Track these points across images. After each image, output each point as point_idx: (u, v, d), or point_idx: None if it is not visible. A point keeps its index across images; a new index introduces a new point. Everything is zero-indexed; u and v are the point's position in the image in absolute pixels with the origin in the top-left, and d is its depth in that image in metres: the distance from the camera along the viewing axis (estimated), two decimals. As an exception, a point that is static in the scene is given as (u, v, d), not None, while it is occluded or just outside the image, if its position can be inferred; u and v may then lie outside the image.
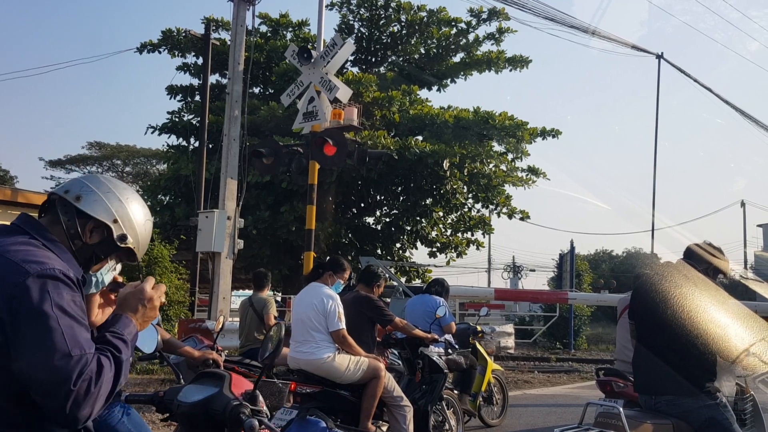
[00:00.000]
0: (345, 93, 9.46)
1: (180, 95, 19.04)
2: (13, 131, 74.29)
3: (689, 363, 3.30)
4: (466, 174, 16.76)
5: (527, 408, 8.82)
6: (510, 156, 17.89)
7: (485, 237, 22.10)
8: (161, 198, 18.03)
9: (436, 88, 19.92)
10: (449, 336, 6.41)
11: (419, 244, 18.48)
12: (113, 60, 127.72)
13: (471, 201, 18.25)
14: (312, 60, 9.44)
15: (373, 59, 19.32)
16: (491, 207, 18.16)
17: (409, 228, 17.94)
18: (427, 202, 17.35)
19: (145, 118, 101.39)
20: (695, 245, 3.62)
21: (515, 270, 42.93)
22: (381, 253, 17.93)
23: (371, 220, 18.81)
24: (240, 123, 10.69)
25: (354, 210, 18.54)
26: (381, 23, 18.47)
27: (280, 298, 16.41)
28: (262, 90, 18.95)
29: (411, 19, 18.30)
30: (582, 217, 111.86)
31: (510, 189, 18.05)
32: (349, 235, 17.50)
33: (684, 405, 3.28)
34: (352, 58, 18.23)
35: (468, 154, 16.23)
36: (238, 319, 7.85)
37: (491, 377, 7.15)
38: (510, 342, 15.69)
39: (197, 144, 15.86)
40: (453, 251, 18.53)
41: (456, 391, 6.39)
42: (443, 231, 18.77)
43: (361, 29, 18.85)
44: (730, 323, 3.28)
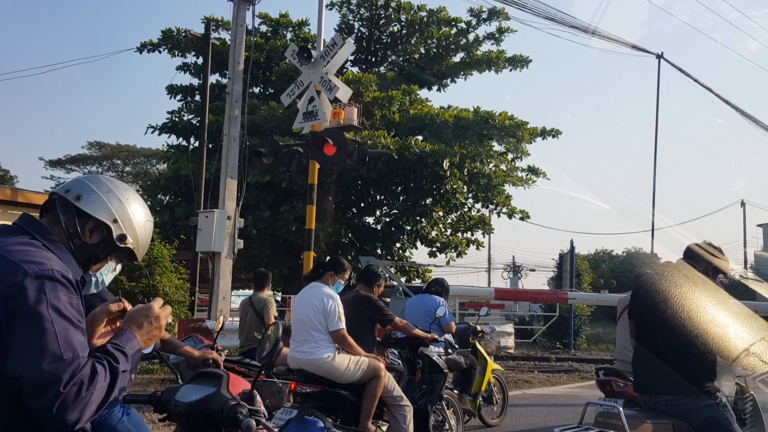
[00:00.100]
0: (345, 93, 9.46)
1: (180, 95, 19.05)
2: (13, 131, 74.38)
3: (689, 363, 3.30)
4: (466, 174, 16.77)
5: (527, 408, 8.82)
6: (510, 156, 17.90)
7: (485, 237, 22.13)
8: (161, 198, 18.03)
9: (436, 88, 19.92)
10: (449, 336, 6.41)
11: (419, 243, 18.50)
12: (113, 60, 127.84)
13: (471, 201, 18.27)
14: (312, 60, 9.44)
15: (373, 59, 19.32)
16: (491, 207, 18.17)
17: (409, 228, 17.94)
18: (427, 202, 17.36)
19: (145, 118, 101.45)
20: (695, 245, 3.62)
21: (515, 270, 42.93)
22: (381, 253, 17.93)
23: (371, 219, 18.83)
24: (240, 123, 10.68)
25: (354, 210, 18.54)
26: (381, 23, 18.46)
27: (280, 297, 16.41)
28: (262, 90, 18.95)
29: (411, 19, 18.30)
30: (582, 217, 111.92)
31: (510, 189, 18.11)
32: (349, 235, 17.51)
33: (684, 405, 3.28)
34: (352, 57, 18.23)
35: (468, 154, 16.23)
36: (238, 319, 7.84)
37: (491, 377, 7.15)
38: (510, 342, 15.69)
39: (197, 144, 15.86)
40: (453, 251, 18.54)
41: (456, 391, 6.39)
42: (443, 231, 18.78)
43: (361, 29, 18.85)
44: (730, 323, 3.28)
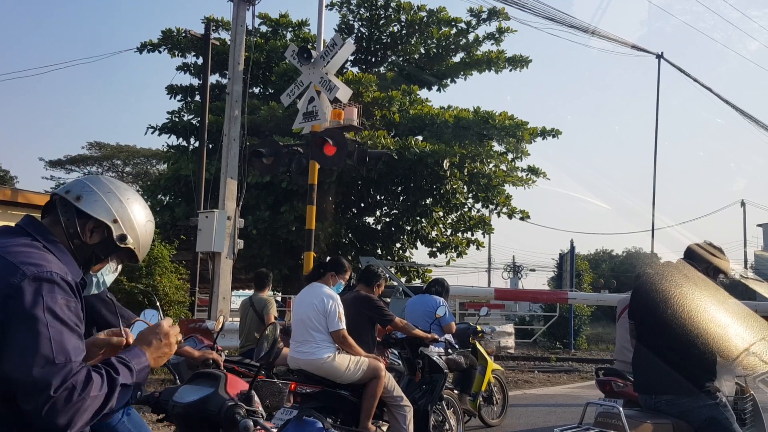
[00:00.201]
0: (345, 93, 9.46)
1: (180, 95, 19.04)
2: (13, 131, 74.34)
3: (689, 363, 3.30)
4: (466, 174, 16.76)
5: (527, 408, 8.81)
6: (510, 156, 17.89)
7: (485, 237, 22.11)
8: (161, 198, 18.02)
9: (436, 88, 19.92)
10: (449, 336, 6.41)
11: (419, 244, 18.49)
12: (113, 60, 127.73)
13: (471, 201, 18.27)
14: (312, 60, 9.44)
15: (373, 59, 19.31)
16: (491, 207, 18.17)
17: (409, 228, 17.94)
18: (427, 202, 17.36)
19: (145, 118, 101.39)
20: (695, 245, 3.61)
21: (515, 270, 42.90)
22: (381, 253, 17.92)
23: (371, 220, 18.82)
24: (240, 123, 10.68)
25: (354, 210, 18.54)
26: (381, 23, 18.46)
27: (280, 298, 16.40)
28: (262, 90, 18.95)
29: (411, 19, 18.30)
30: (582, 217, 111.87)
31: (510, 189, 18.10)
32: (349, 235, 17.50)
33: (684, 405, 3.28)
34: (352, 58, 18.23)
35: (468, 154, 16.22)
36: (238, 319, 7.84)
37: (491, 377, 7.15)
38: (510, 342, 15.68)
39: (197, 144, 15.84)
40: (453, 251, 18.53)
41: (456, 391, 6.39)
42: (443, 231, 18.77)
43: (361, 29, 18.84)
44: (730, 323, 3.28)
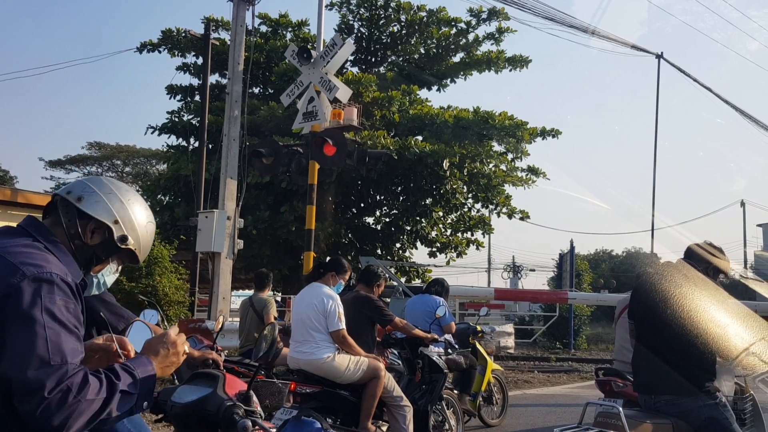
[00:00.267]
0: (345, 93, 9.46)
1: (180, 95, 19.05)
2: (13, 131, 74.37)
3: (689, 363, 3.30)
4: (466, 174, 16.77)
5: (527, 408, 8.81)
6: (510, 156, 17.90)
7: (485, 237, 22.13)
8: (161, 198, 18.03)
9: (436, 88, 19.92)
10: (449, 336, 6.41)
11: (419, 244, 18.50)
12: (113, 60, 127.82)
13: (471, 201, 18.28)
14: (312, 60, 9.43)
15: (373, 59, 19.31)
16: (491, 207, 18.17)
17: (409, 228, 17.94)
18: (427, 202, 17.36)
19: (145, 118, 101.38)
20: (696, 245, 3.61)
21: (515, 270, 42.92)
22: (381, 253, 17.93)
23: (371, 220, 18.83)
24: (240, 123, 10.68)
25: (354, 210, 18.54)
26: (381, 23, 18.46)
27: (280, 298, 16.40)
28: (261, 90, 18.95)
29: (411, 19, 18.30)
30: (582, 217, 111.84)
31: (510, 189, 18.11)
32: (349, 235, 17.51)
33: (683, 404, 3.28)
34: (351, 58, 18.23)
35: (468, 154, 16.23)
36: (238, 319, 7.84)
37: (491, 377, 7.14)
38: (510, 342, 15.68)
39: (197, 144, 15.84)
40: (453, 251, 18.54)
41: (456, 391, 6.39)
42: (443, 231, 18.78)
43: (361, 29, 18.85)
44: (730, 323, 3.28)
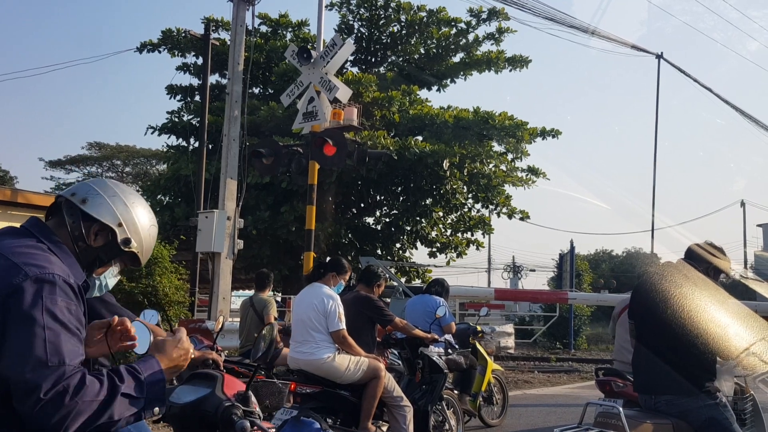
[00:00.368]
0: (345, 93, 9.45)
1: (180, 95, 19.04)
2: (13, 131, 74.37)
3: (689, 363, 3.30)
4: (466, 174, 16.77)
5: (527, 408, 8.81)
6: (510, 156, 17.90)
7: (485, 237, 22.14)
8: (161, 198, 18.02)
9: (436, 88, 19.92)
10: (449, 336, 6.40)
11: (419, 244, 18.50)
12: (113, 60, 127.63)
13: (471, 201, 18.28)
14: (312, 60, 9.43)
15: (373, 59, 19.31)
16: (491, 207, 18.17)
17: (409, 228, 17.94)
18: (427, 202, 17.36)
19: (145, 118, 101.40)
20: (696, 245, 3.61)
21: (515, 270, 42.91)
22: (381, 253, 17.93)
23: (371, 220, 18.83)
24: (240, 123, 10.67)
25: (354, 210, 18.54)
26: (381, 23, 18.46)
27: (280, 298, 16.40)
28: (261, 90, 18.95)
29: (411, 19, 18.30)
30: (582, 217, 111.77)
31: (510, 189, 18.11)
32: (349, 236, 17.50)
33: (684, 405, 3.28)
34: (351, 58, 18.23)
35: (468, 154, 16.23)
36: (238, 320, 7.84)
37: (491, 377, 7.14)
38: (510, 342, 15.69)
39: (197, 144, 15.84)
40: (453, 251, 18.54)
41: (456, 391, 6.39)
42: (443, 231, 18.78)
43: (361, 29, 18.85)
44: (730, 323, 3.28)
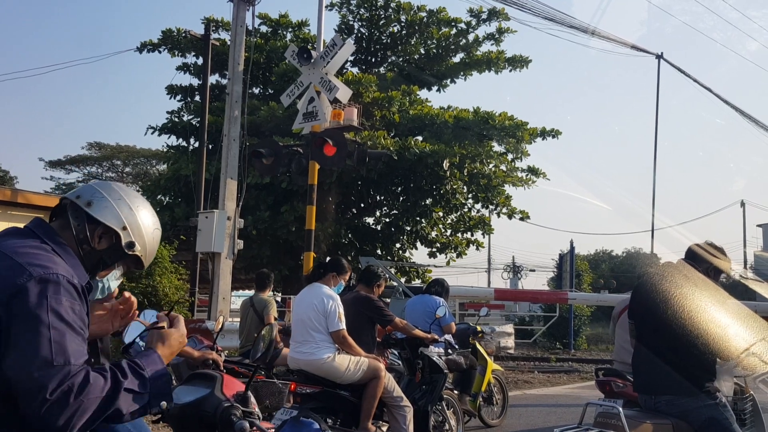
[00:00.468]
0: (345, 93, 9.46)
1: (180, 95, 19.05)
2: (13, 131, 74.34)
3: (689, 363, 3.30)
4: (466, 174, 16.77)
5: (527, 408, 8.81)
6: (510, 156, 17.90)
7: (485, 237, 22.14)
8: (161, 198, 18.02)
9: (436, 88, 19.93)
10: (449, 336, 6.40)
11: (419, 244, 18.50)
12: (113, 60, 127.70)
13: (471, 201, 18.28)
14: (312, 60, 9.43)
15: (373, 59, 19.32)
16: (491, 207, 18.18)
17: (409, 228, 17.94)
18: (427, 202, 17.36)
19: (145, 118, 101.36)
20: (696, 245, 3.61)
21: (515, 270, 42.93)
22: (381, 254, 17.93)
23: (371, 220, 18.83)
24: (240, 123, 10.67)
25: (354, 210, 18.54)
26: (381, 23, 18.47)
27: (280, 298, 16.40)
28: (262, 90, 18.95)
29: (411, 20, 18.31)
30: (582, 217, 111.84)
31: (510, 189, 18.11)
32: (349, 236, 17.50)
33: (684, 405, 3.28)
34: (352, 58, 18.24)
35: (468, 154, 16.23)
36: (238, 320, 7.84)
37: (491, 377, 7.14)
38: (510, 342, 15.69)
39: (197, 144, 15.85)
40: (453, 251, 18.54)
41: (456, 392, 6.39)
42: (443, 231, 18.78)
43: (361, 29, 18.85)
44: (730, 323, 3.28)
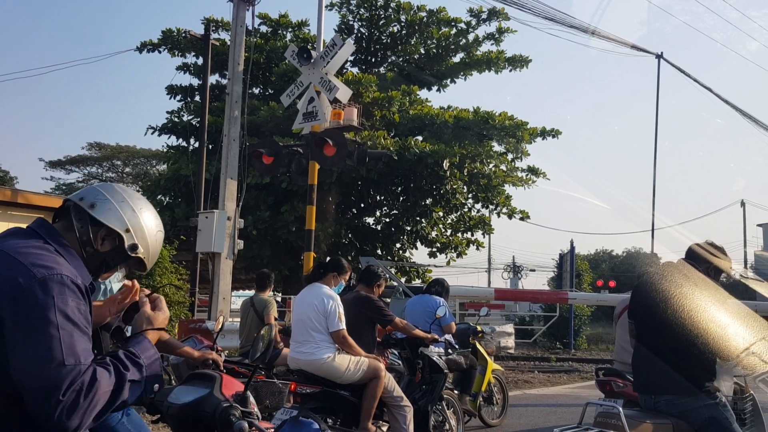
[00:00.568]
0: (345, 93, 9.46)
1: (180, 95, 19.05)
2: (13, 131, 74.31)
3: (689, 363, 3.29)
4: (466, 174, 16.77)
5: (527, 408, 8.81)
6: (510, 156, 17.91)
7: (485, 237, 22.13)
8: (161, 198, 18.01)
9: (436, 88, 19.92)
10: (449, 336, 6.40)
11: (419, 244, 18.50)
12: (113, 60, 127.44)
13: (471, 201, 18.28)
14: (312, 60, 9.44)
15: (373, 59, 19.32)
16: (491, 207, 18.18)
17: (409, 228, 17.94)
18: (427, 202, 17.36)
19: (145, 118, 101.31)
20: (696, 245, 3.61)
21: (515, 270, 42.90)
22: (381, 254, 17.92)
23: (371, 220, 18.83)
24: (240, 123, 10.67)
25: (354, 210, 18.54)
26: (381, 23, 18.47)
27: (280, 298, 16.40)
28: (262, 90, 18.95)
29: (411, 20, 18.30)
30: (582, 217, 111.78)
31: (510, 189, 18.12)
32: (349, 236, 17.50)
33: (684, 404, 3.27)
34: (351, 58, 18.24)
35: (468, 154, 16.23)
36: (238, 320, 7.84)
37: (491, 377, 7.14)
38: (510, 342, 15.69)
39: (197, 144, 15.85)
40: (453, 251, 18.54)
41: (456, 391, 6.39)
42: (443, 231, 18.78)
43: (361, 29, 18.85)
44: (730, 323, 3.27)
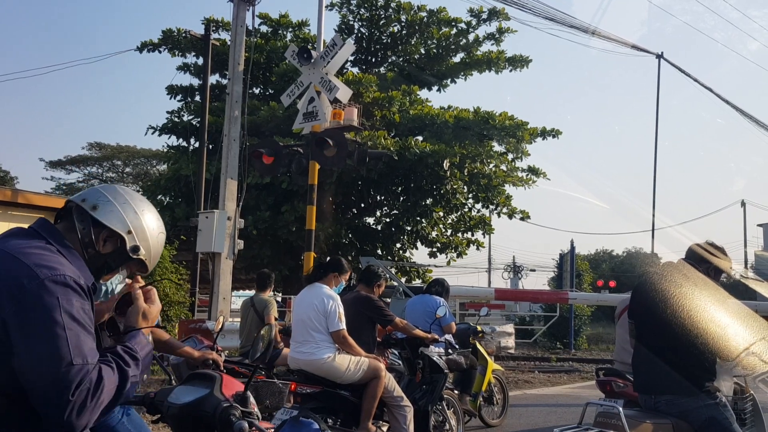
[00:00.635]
0: (345, 93, 9.46)
1: (180, 95, 19.05)
2: (13, 131, 74.29)
3: (689, 363, 3.30)
4: (466, 174, 16.77)
5: (527, 408, 8.81)
6: (510, 156, 17.91)
7: (485, 237, 22.15)
8: (161, 198, 18.00)
9: (436, 88, 19.93)
10: (449, 336, 6.41)
11: (419, 244, 18.50)
12: (113, 60, 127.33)
13: (471, 201, 18.28)
14: (312, 60, 9.44)
15: (373, 59, 19.32)
16: (491, 207, 18.18)
17: (410, 228, 17.94)
18: (427, 202, 17.36)
19: (145, 118, 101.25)
20: (697, 245, 3.61)
21: (515, 270, 42.89)
22: (381, 254, 17.92)
23: (371, 220, 18.83)
24: (240, 123, 10.68)
25: (354, 210, 18.54)
26: (381, 23, 18.47)
27: (280, 298, 16.39)
28: (262, 90, 18.95)
29: (411, 20, 18.31)
30: (582, 217, 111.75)
31: (510, 189, 18.12)
32: (350, 236, 17.51)
33: (684, 405, 3.28)
34: (352, 58, 18.24)
35: (468, 154, 16.24)
36: (238, 320, 7.85)
37: (491, 377, 7.14)
38: (510, 342, 15.70)
39: (197, 144, 15.86)
40: (453, 251, 18.54)
41: (456, 391, 6.39)
42: (443, 231, 18.78)
43: (361, 29, 18.85)
44: (730, 323, 3.28)
